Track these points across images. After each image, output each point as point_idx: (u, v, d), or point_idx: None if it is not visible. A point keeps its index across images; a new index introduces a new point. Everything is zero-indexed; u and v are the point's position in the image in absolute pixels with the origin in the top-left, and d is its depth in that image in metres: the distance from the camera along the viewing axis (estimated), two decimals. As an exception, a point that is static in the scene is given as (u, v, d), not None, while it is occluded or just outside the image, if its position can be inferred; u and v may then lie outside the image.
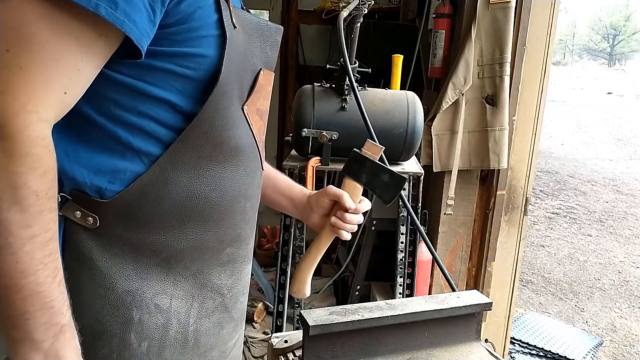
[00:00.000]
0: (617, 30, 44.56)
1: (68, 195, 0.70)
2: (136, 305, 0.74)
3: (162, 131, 0.72)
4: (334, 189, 0.98)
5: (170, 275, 0.77)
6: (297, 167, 1.93)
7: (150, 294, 0.75)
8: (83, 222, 0.71)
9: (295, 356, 1.05)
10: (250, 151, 0.85)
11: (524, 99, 2.31)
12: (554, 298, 3.97)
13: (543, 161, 8.52)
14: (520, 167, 2.40)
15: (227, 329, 0.87)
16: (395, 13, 3.46)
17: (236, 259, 0.88)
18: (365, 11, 1.62)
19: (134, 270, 0.74)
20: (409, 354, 1.05)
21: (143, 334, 0.75)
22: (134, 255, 0.74)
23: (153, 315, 0.76)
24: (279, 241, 2.09)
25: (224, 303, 0.85)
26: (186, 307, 0.79)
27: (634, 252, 5.09)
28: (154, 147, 0.72)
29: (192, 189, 0.76)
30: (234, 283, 0.87)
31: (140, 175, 0.72)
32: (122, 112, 0.70)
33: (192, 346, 0.81)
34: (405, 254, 2.14)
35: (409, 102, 1.92)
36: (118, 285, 0.73)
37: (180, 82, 0.72)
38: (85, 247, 0.72)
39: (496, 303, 1.53)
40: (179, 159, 0.73)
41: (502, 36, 2.14)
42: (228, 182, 0.81)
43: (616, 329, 3.52)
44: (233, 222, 0.84)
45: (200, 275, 0.81)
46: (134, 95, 0.70)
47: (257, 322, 2.93)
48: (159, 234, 0.75)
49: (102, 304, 0.73)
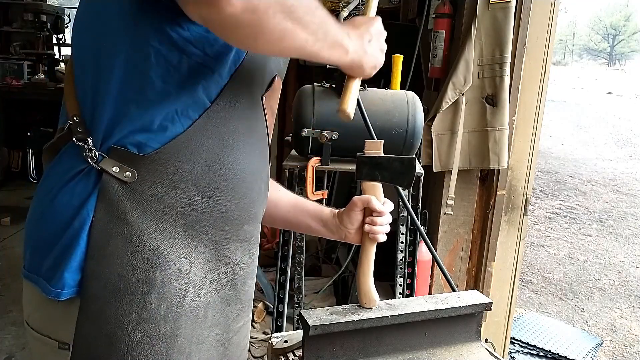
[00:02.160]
0: (617, 30, 44.56)
1: (105, 154, 0.75)
2: (161, 266, 0.76)
3: (203, 98, 0.77)
4: (359, 198, 1.02)
5: (193, 240, 0.80)
6: (297, 167, 1.93)
7: (174, 256, 0.78)
8: (121, 175, 0.74)
9: (295, 356, 1.05)
10: (264, 138, 0.90)
11: (524, 99, 2.31)
12: (554, 298, 3.97)
13: (543, 161, 8.52)
14: (520, 167, 2.40)
15: (233, 308, 0.89)
16: (395, 13, 3.46)
17: (251, 239, 0.91)
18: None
19: (163, 230, 0.76)
20: (409, 354, 1.05)
21: (163, 295, 0.77)
22: (164, 214, 0.76)
23: (175, 278, 0.78)
24: (279, 241, 2.09)
25: (234, 280, 0.88)
26: (201, 276, 0.81)
27: (634, 252, 5.09)
28: (193, 111, 0.77)
29: (219, 157, 0.80)
30: (246, 262, 0.90)
31: (177, 136, 0.76)
32: (178, 75, 0.74)
33: (201, 317, 0.82)
34: (405, 254, 2.14)
35: (409, 102, 1.92)
36: (147, 243, 0.75)
37: (223, 60, 0.77)
38: (120, 202, 0.74)
39: (496, 303, 1.52)
40: (210, 125, 0.78)
41: (502, 36, 2.14)
42: (249, 157, 0.85)
43: (616, 329, 3.52)
44: (252, 198, 0.88)
45: (219, 247, 0.83)
46: (191, 62, 0.74)
47: (257, 322, 2.93)
48: (189, 195, 0.78)
49: (129, 259, 0.74)
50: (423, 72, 2.65)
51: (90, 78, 0.76)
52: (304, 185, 1.89)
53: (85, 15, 0.80)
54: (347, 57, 0.79)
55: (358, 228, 1.04)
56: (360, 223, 1.04)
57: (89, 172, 0.76)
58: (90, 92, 0.76)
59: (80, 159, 0.76)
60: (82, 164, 0.76)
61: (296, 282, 2.06)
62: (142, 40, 0.72)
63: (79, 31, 0.80)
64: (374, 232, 1.01)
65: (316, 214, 1.09)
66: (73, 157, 0.77)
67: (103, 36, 0.75)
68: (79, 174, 0.76)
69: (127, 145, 0.75)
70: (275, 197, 1.08)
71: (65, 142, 0.79)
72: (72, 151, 0.78)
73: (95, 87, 0.76)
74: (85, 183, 0.75)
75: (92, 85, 0.76)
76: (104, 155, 0.75)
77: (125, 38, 0.73)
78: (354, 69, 0.85)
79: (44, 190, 0.80)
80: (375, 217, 1.01)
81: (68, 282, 0.74)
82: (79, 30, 0.80)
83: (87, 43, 0.78)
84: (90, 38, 0.77)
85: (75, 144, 0.76)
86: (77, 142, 0.76)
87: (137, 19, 0.72)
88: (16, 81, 5.79)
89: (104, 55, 0.75)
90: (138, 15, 0.72)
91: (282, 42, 0.67)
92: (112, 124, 0.75)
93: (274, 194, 1.08)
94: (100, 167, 0.74)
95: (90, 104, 0.77)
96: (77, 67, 0.79)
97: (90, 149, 0.75)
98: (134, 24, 0.73)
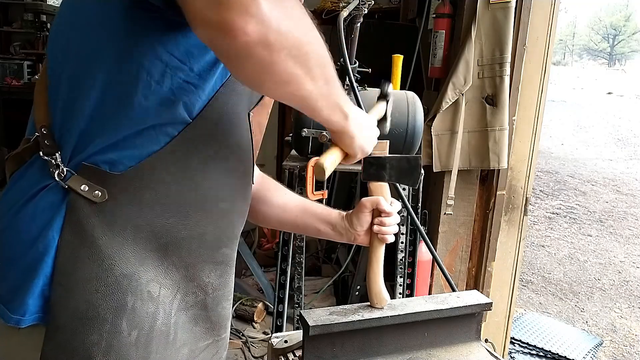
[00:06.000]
0: (617, 30, 44.54)
1: (74, 170, 0.70)
2: (131, 291, 0.72)
3: (183, 114, 0.73)
4: (368, 199, 1.02)
5: (164, 262, 0.76)
6: (297, 167, 1.93)
7: (145, 279, 0.74)
8: (90, 195, 0.70)
9: (295, 356, 1.05)
10: (248, 158, 0.86)
11: (524, 99, 2.31)
12: (554, 298, 3.97)
13: (543, 161, 8.51)
14: (520, 167, 2.40)
15: (201, 326, 0.85)
16: (395, 13, 3.46)
17: (229, 262, 0.87)
18: (365, 11, 1.63)
19: (133, 253, 0.72)
20: (409, 354, 1.05)
21: (134, 321, 0.73)
22: (135, 236, 0.72)
23: (145, 303, 0.74)
24: (279, 241, 2.09)
25: (205, 302, 0.84)
26: (170, 297, 0.77)
27: (634, 252, 5.09)
28: (172, 128, 0.73)
29: (197, 176, 0.76)
30: (220, 285, 0.86)
31: (154, 153, 0.72)
32: (160, 91, 0.70)
33: (172, 340, 0.79)
34: (405, 254, 2.14)
35: (409, 102, 1.92)
36: (116, 267, 0.71)
37: (210, 74, 0.74)
38: (87, 223, 0.70)
39: (496, 303, 1.53)
40: (189, 143, 0.74)
41: (502, 36, 2.14)
42: (230, 177, 0.82)
43: (616, 329, 3.52)
44: (231, 220, 0.85)
45: (192, 269, 0.80)
46: (174, 78, 0.71)
47: (257, 322, 2.93)
48: (163, 216, 0.74)
49: (98, 285, 0.70)
50: (423, 72, 2.66)
51: (65, 89, 0.72)
52: (304, 185, 1.89)
53: (65, 24, 0.75)
54: (345, 122, 0.78)
55: (367, 230, 1.04)
56: (369, 224, 1.03)
57: (55, 189, 0.71)
58: (62, 104, 0.72)
59: (46, 174, 0.71)
60: (47, 180, 0.71)
61: (296, 282, 2.06)
62: (127, 55, 0.69)
63: (57, 39, 0.75)
64: (382, 233, 1.02)
65: (325, 217, 1.07)
66: (38, 172, 0.73)
67: (85, 47, 0.71)
68: (43, 189, 0.71)
69: (99, 162, 0.70)
70: (282, 201, 1.07)
71: (31, 154, 0.75)
72: (38, 165, 0.73)
73: (69, 99, 0.71)
74: (51, 201, 0.71)
75: (66, 97, 0.72)
76: (72, 172, 0.70)
77: (110, 51, 0.69)
78: (344, 139, 0.82)
79: (6, 205, 0.75)
80: (383, 217, 1.01)
81: (30, 309, 0.70)
82: (56, 38, 0.76)
83: (65, 52, 0.73)
84: (70, 47, 0.73)
85: (41, 158, 0.72)
86: (44, 157, 0.71)
87: (127, 33, 0.69)
88: (16, 81, 5.80)
89: (84, 67, 0.71)
90: (130, 30, 0.68)
91: (287, 86, 0.65)
92: (83, 139, 0.71)
93: (281, 199, 1.07)
94: (67, 185, 0.70)
95: (60, 116, 0.72)
96: (52, 75, 0.74)
97: (58, 164, 0.71)
98: (122, 38, 0.69)
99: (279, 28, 0.58)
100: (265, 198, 1.06)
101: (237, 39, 0.56)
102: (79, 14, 0.73)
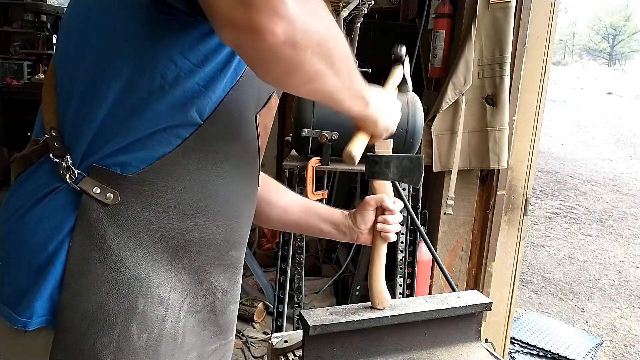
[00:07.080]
0: (617, 30, 44.51)
1: (85, 173, 0.70)
2: (142, 294, 0.72)
3: (195, 116, 0.73)
4: (372, 197, 1.02)
5: (174, 266, 0.76)
6: (297, 167, 1.93)
7: (155, 282, 0.74)
8: (102, 197, 0.69)
9: (295, 356, 1.05)
10: (255, 160, 0.87)
11: (524, 99, 2.31)
12: (554, 298, 3.97)
13: (543, 161, 8.51)
14: (520, 167, 2.40)
15: (209, 330, 0.85)
16: (395, 13, 3.45)
17: (237, 264, 0.88)
18: (365, 11, 1.63)
19: (144, 255, 0.72)
20: (409, 354, 1.05)
21: (144, 325, 0.73)
22: (147, 238, 0.72)
23: (155, 306, 0.74)
24: (279, 241, 2.09)
25: (214, 305, 0.84)
26: (180, 301, 0.78)
27: (634, 252, 5.09)
28: (184, 130, 0.73)
29: (208, 178, 0.76)
30: (229, 288, 0.87)
31: (165, 155, 0.72)
32: (173, 93, 0.70)
33: (180, 343, 0.79)
34: (405, 254, 2.14)
35: (409, 102, 1.92)
36: (128, 270, 0.71)
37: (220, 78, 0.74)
38: (100, 226, 0.69)
39: (496, 303, 1.53)
40: (200, 145, 0.74)
41: (502, 36, 2.14)
42: (239, 179, 0.82)
43: (616, 329, 3.52)
44: (240, 223, 0.85)
45: (202, 271, 0.80)
46: (187, 80, 0.70)
47: (257, 322, 2.93)
48: (173, 219, 0.74)
49: (109, 288, 0.70)
50: (423, 72, 2.65)
51: (79, 91, 0.71)
52: (304, 185, 1.89)
53: (80, 23, 0.74)
54: (367, 109, 0.80)
55: (370, 228, 1.04)
56: (372, 223, 1.03)
57: (65, 191, 0.70)
58: (75, 106, 0.71)
59: (55, 176, 0.71)
60: (57, 182, 0.71)
61: (296, 282, 2.06)
62: (143, 58, 0.69)
63: (69, 39, 0.75)
64: (386, 231, 1.02)
65: (327, 216, 1.07)
66: (47, 174, 0.72)
67: (100, 50, 0.70)
68: (52, 192, 0.71)
69: (110, 164, 0.70)
70: (284, 202, 1.07)
71: (39, 156, 0.74)
72: (47, 167, 0.72)
73: (83, 101, 0.71)
74: (60, 204, 0.70)
75: (79, 99, 0.71)
76: (83, 175, 0.70)
77: (127, 55, 0.69)
78: (368, 124, 0.85)
79: (12, 207, 0.74)
80: (387, 215, 1.01)
81: (37, 312, 0.69)
82: (68, 39, 0.75)
83: (78, 53, 0.73)
84: (84, 49, 0.72)
85: (51, 160, 0.71)
86: (54, 159, 0.71)
87: (144, 36, 0.68)
88: (16, 81, 5.81)
89: (99, 70, 0.70)
90: (147, 33, 0.68)
91: (313, 83, 0.65)
92: (95, 141, 0.70)
93: (283, 199, 1.07)
94: (79, 187, 0.69)
95: (72, 118, 0.72)
96: (64, 76, 0.74)
97: (69, 167, 0.70)
98: (139, 41, 0.69)
99: (305, 27, 0.57)
100: (269, 199, 1.06)
101: (266, 41, 0.55)
102: (93, 15, 0.73)
